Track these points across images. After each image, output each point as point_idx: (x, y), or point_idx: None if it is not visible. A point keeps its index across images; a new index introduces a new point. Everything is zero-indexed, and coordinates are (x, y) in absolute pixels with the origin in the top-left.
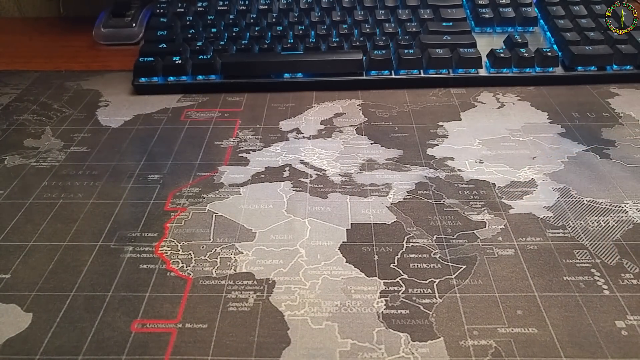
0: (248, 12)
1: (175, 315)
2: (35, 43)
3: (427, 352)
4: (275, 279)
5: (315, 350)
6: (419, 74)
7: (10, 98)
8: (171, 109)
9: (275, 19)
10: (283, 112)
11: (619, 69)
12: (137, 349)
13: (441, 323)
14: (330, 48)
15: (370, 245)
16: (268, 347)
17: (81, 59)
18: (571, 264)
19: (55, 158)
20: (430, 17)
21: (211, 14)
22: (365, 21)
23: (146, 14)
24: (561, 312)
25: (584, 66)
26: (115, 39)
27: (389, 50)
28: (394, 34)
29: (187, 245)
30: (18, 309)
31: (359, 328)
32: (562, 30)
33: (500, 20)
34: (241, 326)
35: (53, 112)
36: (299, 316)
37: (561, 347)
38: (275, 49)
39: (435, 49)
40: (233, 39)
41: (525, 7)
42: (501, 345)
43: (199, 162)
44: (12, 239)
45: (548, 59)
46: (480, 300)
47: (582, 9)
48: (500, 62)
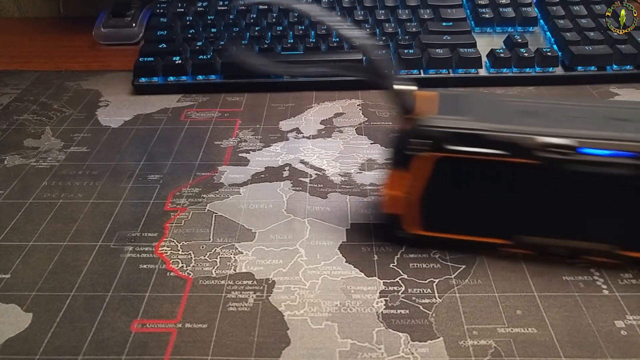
0: (248, 12)
1: (175, 315)
2: (35, 43)
3: (427, 352)
4: (275, 278)
5: (315, 350)
6: (419, 74)
7: (10, 98)
8: (171, 109)
9: (275, 19)
10: (283, 112)
11: (618, 69)
12: (136, 348)
13: (441, 323)
14: (330, 48)
15: (370, 245)
16: (268, 347)
17: (81, 59)
18: (570, 264)
19: (55, 158)
20: (430, 17)
21: (211, 14)
22: (365, 21)
23: (146, 14)
24: (561, 312)
25: (583, 66)
26: (115, 38)
27: (388, 50)
28: (394, 34)
29: (187, 245)
30: (18, 309)
31: (359, 328)
32: (562, 30)
33: (500, 20)
34: (241, 326)
35: (53, 112)
36: (299, 316)
37: (560, 347)
38: (275, 49)
39: (435, 49)
40: (233, 39)
41: (525, 7)
42: (501, 345)
43: (198, 162)
44: (12, 239)
45: (548, 59)
46: (480, 300)
47: (582, 9)
48: (500, 62)
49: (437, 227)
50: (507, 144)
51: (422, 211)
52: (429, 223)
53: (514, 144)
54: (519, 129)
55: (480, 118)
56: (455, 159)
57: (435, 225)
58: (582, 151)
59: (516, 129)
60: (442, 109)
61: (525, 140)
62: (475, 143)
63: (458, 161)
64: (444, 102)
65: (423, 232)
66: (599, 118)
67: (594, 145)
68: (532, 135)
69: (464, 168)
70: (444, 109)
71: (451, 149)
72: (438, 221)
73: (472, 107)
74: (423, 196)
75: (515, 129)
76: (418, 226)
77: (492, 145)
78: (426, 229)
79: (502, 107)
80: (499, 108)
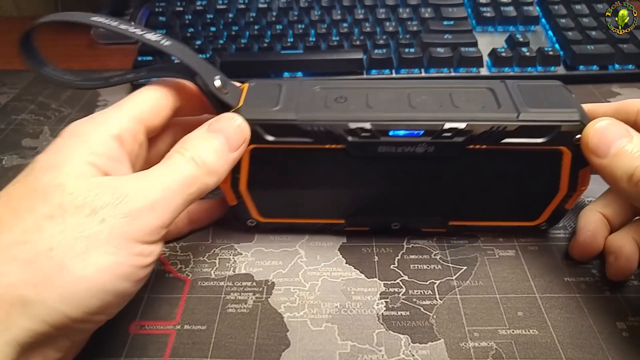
0: (247, 11)
1: (173, 316)
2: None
3: (428, 354)
4: (275, 280)
5: (315, 352)
6: (419, 73)
7: (8, 97)
8: None
9: (275, 18)
10: None
11: (620, 69)
12: (135, 350)
13: (442, 325)
14: (331, 47)
15: (370, 246)
16: (267, 349)
17: (80, 58)
18: (572, 265)
19: None
20: (431, 16)
21: (210, 13)
22: (365, 20)
23: (145, 13)
24: (562, 313)
25: (585, 65)
26: (114, 38)
27: (389, 49)
28: (395, 32)
29: (186, 246)
30: None
31: (359, 330)
32: (564, 29)
33: (501, 19)
34: (240, 328)
35: (51, 112)
36: (299, 318)
37: (562, 349)
38: (274, 48)
39: (436, 48)
40: (232, 38)
41: (527, 6)
42: (502, 347)
43: None
44: None
45: (550, 58)
46: (481, 301)
47: (584, 8)
48: (501, 61)
49: (276, 214)
50: (311, 132)
51: (255, 200)
52: (267, 210)
53: (318, 132)
54: (319, 115)
55: (286, 107)
56: (266, 149)
57: (273, 212)
58: (380, 134)
59: (317, 116)
60: (248, 101)
61: (329, 126)
62: (281, 132)
63: (269, 151)
64: (252, 93)
65: (266, 219)
66: (404, 99)
67: (391, 127)
68: (332, 122)
69: (278, 157)
70: (251, 100)
71: (261, 139)
72: (274, 208)
73: (281, 95)
74: (249, 186)
75: (317, 115)
76: (259, 214)
77: (297, 133)
78: (266, 216)
79: (312, 94)
80: (308, 95)
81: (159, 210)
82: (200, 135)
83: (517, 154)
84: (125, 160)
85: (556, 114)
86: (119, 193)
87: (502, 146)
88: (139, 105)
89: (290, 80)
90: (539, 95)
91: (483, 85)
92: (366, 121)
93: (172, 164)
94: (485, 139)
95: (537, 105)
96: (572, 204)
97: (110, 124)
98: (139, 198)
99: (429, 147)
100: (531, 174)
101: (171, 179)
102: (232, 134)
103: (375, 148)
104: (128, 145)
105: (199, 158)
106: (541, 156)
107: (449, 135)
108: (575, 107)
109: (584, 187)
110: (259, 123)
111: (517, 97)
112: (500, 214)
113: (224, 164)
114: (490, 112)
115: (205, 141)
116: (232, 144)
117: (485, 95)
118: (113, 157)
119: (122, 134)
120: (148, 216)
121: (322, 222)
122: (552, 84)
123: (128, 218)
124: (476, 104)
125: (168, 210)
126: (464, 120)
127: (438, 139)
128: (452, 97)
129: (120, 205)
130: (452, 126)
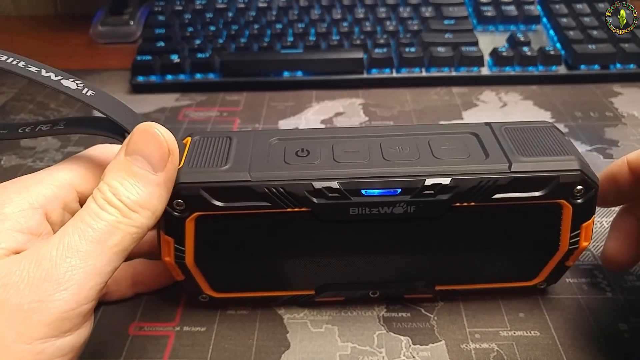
0: (247, 10)
1: (173, 318)
2: (32, 41)
3: (429, 355)
4: None
5: (315, 354)
6: (420, 72)
7: (7, 97)
8: (169, 108)
9: (274, 17)
10: (282, 111)
11: (622, 68)
12: (135, 352)
13: (442, 326)
14: (331, 46)
15: None
16: (267, 351)
17: (78, 58)
18: (574, 266)
19: (52, 158)
20: (431, 15)
21: (210, 12)
22: (365, 19)
23: (144, 12)
24: (564, 314)
25: (587, 65)
26: (113, 37)
27: (390, 48)
28: (395, 32)
29: None
30: None
31: (359, 331)
32: (565, 28)
33: (502, 18)
34: (240, 329)
35: (50, 112)
36: (299, 319)
37: (563, 350)
38: (274, 47)
39: (437, 47)
40: (232, 37)
41: (528, 5)
42: (503, 349)
43: None
44: None
45: (551, 58)
46: (482, 303)
47: (586, 7)
48: (502, 61)
49: (232, 288)
50: (268, 195)
51: (205, 275)
52: (221, 285)
53: (276, 194)
54: (277, 174)
55: (237, 165)
56: (214, 216)
57: (229, 286)
58: (351, 194)
59: (275, 176)
60: (191, 159)
61: (289, 187)
62: (231, 197)
63: (219, 218)
64: (196, 150)
65: (221, 295)
66: (376, 151)
67: (363, 186)
68: (293, 182)
69: (230, 224)
70: (195, 158)
71: (207, 205)
72: (229, 282)
73: (231, 151)
74: (197, 259)
75: (274, 175)
76: (212, 290)
77: (252, 197)
78: (221, 291)
79: (267, 148)
80: (263, 150)
81: (69, 289)
82: (115, 163)
83: (511, 209)
84: (49, 232)
85: (552, 162)
86: (6, 281)
87: (493, 202)
88: (72, 170)
89: (242, 133)
90: (530, 139)
91: (466, 130)
92: (333, 179)
93: (80, 216)
94: (474, 195)
95: (529, 153)
96: (574, 261)
97: (34, 192)
98: (34, 282)
99: (409, 206)
100: (527, 231)
101: (78, 238)
102: (151, 152)
103: (347, 210)
104: (55, 216)
105: (113, 196)
106: (538, 211)
107: (431, 192)
108: (572, 153)
109: (586, 243)
110: (204, 187)
111: (506, 143)
112: (493, 275)
113: (153, 192)
114: (478, 163)
115: (120, 170)
116: (155, 164)
117: (469, 142)
118: (32, 230)
119: (47, 203)
120: (52, 302)
121: (288, 295)
122: (542, 126)
123: (20, 313)
124: (460, 153)
125: (83, 283)
126: (447, 174)
127: (419, 198)
128: (431, 146)
129: (11, 298)
130: (434, 182)
